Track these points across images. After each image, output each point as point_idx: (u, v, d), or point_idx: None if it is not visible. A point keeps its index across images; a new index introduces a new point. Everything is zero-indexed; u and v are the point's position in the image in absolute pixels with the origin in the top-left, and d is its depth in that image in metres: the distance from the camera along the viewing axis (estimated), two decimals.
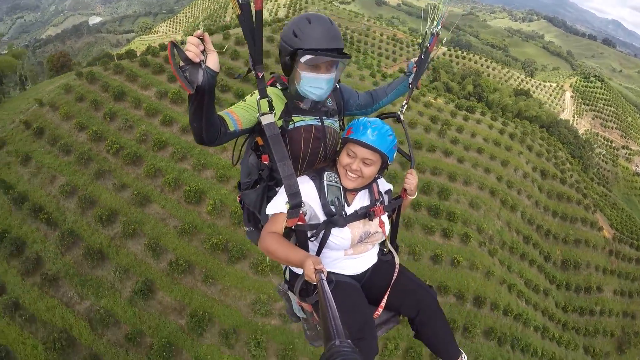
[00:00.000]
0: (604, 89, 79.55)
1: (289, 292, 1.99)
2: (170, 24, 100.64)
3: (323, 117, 1.85)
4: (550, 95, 75.67)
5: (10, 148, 14.81)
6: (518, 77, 73.81)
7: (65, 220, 12.55)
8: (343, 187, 1.75)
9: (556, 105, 72.60)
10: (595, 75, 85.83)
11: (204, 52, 1.22)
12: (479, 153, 22.78)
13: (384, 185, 1.94)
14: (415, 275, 2.00)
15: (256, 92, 1.62)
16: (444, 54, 63.57)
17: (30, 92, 20.71)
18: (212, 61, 1.24)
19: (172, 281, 11.97)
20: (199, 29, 1.26)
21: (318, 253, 1.72)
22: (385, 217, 1.87)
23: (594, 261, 24.46)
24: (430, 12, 2.09)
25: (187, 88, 1.19)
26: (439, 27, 2.11)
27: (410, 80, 2.23)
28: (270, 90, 1.71)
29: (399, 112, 2.22)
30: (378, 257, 1.98)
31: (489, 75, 64.64)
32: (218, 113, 1.50)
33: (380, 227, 1.83)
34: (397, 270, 1.90)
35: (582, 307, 22.68)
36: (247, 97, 1.72)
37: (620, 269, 25.88)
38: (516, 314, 17.01)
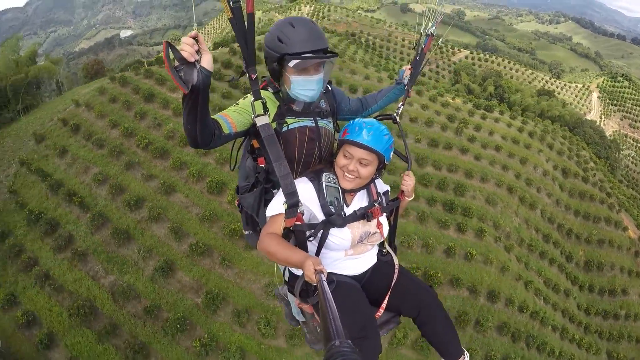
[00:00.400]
0: (632, 89, 76.51)
1: (289, 294, 1.98)
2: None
3: (317, 118, 1.86)
4: (576, 96, 73.10)
5: (48, 142, 16.09)
6: (542, 79, 71.77)
7: (97, 204, 13.54)
8: (341, 188, 1.75)
9: (582, 106, 70.12)
10: (623, 75, 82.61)
11: (198, 52, 1.23)
12: (496, 151, 22.50)
13: (381, 186, 1.95)
14: (414, 275, 2.02)
15: (249, 95, 1.64)
16: (466, 57, 62.72)
17: (66, 95, 22.35)
18: (207, 61, 1.25)
19: (192, 262, 12.63)
20: (193, 29, 1.27)
21: (317, 253, 1.72)
22: (383, 219, 1.88)
23: (619, 262, 23.47)
24: (425, 14, 2.10)
25: (182, 87, 1.20)
26: (434, 29, 2.11)
27: (406, 82, 2.25)
28: (262, 93, 1.69)
29: (394, 114, 2.24)
30: (377, 257, 1.99)
31: (511, 77, 63.18)
32: (212, 116, 1.51)
33: (378, 228, 1.84)
34: (396, 271, 1.92)
35: (606, 310, 21.67)
36: (240, 100, 1.73)
37: None
38: (533, 312, 16.56)
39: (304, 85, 1.69)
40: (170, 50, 1.15)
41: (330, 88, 2.00)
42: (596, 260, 22.58)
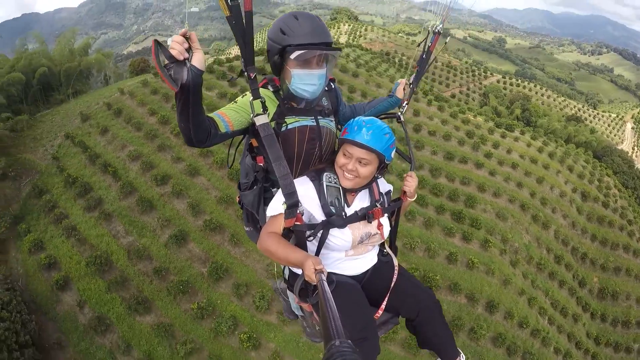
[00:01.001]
0: None
1: (288, 291, 2.00)
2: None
3: (318, 117, 1.82)
4: (609, 125, 70.62)
5: (92, 122, 17.93)
6: (575, 107, 69.67)
7: (128, 176, 15.01)
8: (342, 187, 1.74)
9: (614, 136, 67.65)
10: None
11: (189, 50, 1.22)
12: (512, 168, 22.39)
13: (384, 186, 1.93)
14: (414, 277, 2.03)
15: (248, 93, 1.64)
16: (497, 81, 62.16)
17: (113, 85, 24.69)
18: (198, 60, 1.23)
19: (204, 236, 13.68)
20: (185, 26, 1.24)
21: (317, 253, 1.71)
22: (384, 219, 1.86)
23: (636, 293, 22.44)
24: (435, 19, 2.09)
25: (171, 86, 1.19)
26: (441, 27, 2.08)
27: (412, 80, 2.24)
28: (261, 92, 1.68)
29: (399, 113, 2.24)
30: (378, 257, 1.98)
31: (542, 103, 61.84)
32: (209, 114, 1.52)
33: (379, 229, 1.82)
34: (396, 272, 1.92)
35: (618, 342, 20.51)
36: (239, 99, 1.71)
37: None
38: (534, 329, 16.17)
39: (305, 80, 1.67)
40: (159, 48, 1.15)
41: (333, 86, 1.99)
42: (611, 289, 21.59)
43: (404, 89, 2.29)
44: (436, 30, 2.11)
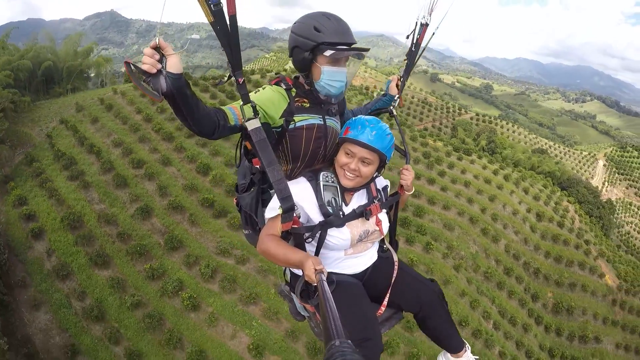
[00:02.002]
0: None
1: (291, 293, 2.05)
2: None
3: (325, 117, 1.89)
4: (579, 161, 74.08)
5: (85, 112, 20.88)
6: (546, 143, 73.68)
7: (109, 157, 17.60)
8: (340, 186, 1.79)
9: (585, 171, 70.60)
10: (633, 145, 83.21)
11: (161, 59, 1.26)
12: (465, 186, 23.80)
13: (381, 181, 1.98)
14: (415, 271, 2.08)
15: (260, 89, 1.76)
16: (471, 118, 65.57)
17: (108, 87, 28.01)
18: (171, 64, 1.27)
19: (166, 214, 15.91)
20: (157, 36, 1.28)
21: (316, 254, 1.76)
22: (383, 215, 1.91)
23: (592, 308, 23.36)
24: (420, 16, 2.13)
25: (154, 98, 1.25)
26: (429, 18, 2.12)
27: (402, 73, 2.30)
28: (275, 88, 1.78)
29: (391, 107, 2.33)
30: (378, 254, 2.03)
31: (513, 139, 65.53)
32: (221, 107, 1.60)
33: (378, 225, 1.87)
34: (396, 267, 1.97)
35: (575, 356, 21.28)
36: (252, 94, 1.75)
37: (627, 321, 24.22)
38: (476, 330, 16.92)
39: (334, 77, 1.75)
40: (132, 68, 1.22)
41: None
42: (566, 304, 22.51)
43: (396, 85, 2.35)
44: (424, 22, 2.14)
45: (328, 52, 1.66)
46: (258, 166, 1.83)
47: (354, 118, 1.83)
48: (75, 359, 11.40)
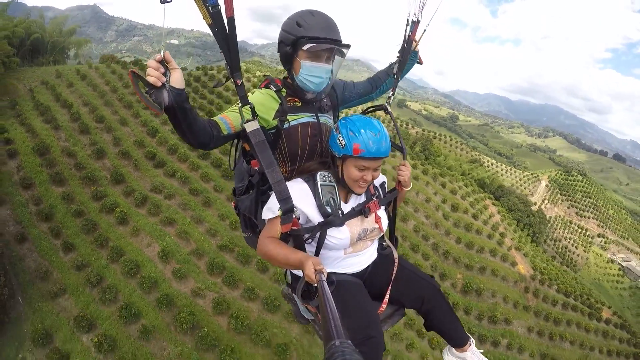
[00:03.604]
0: (586, 183, 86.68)
1: (293, 295, 2.17)
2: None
3: (318, 114, 2.05)
4: (520, 179, 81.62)
5: (63, 79, 26.67)
6: (489, 161, 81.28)
7: (78, 111, 22.91)
8: (338, 185, 1.92)
9: (524, 189, 77.47)
10: (579, 171, 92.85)
11: (165, 72, 1.38)
12: (382, 173, 28.96)
13: (378, 178, 2.10)
14: (415, 267, 2.23)
15: (249, 94, 1.87)
16: (417, 133, 72.08)
17: (86, 64, 33.81)
18: (175, 79, 1.41)
19: (116, 158, 20.85)
20: (159, 52, 1.38)
21: (316, 254, 1.86)
22: (381, 212, 2.05)
23: (502, 292, 26.11)
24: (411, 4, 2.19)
25: (156, 110, 1.35)
26: (420, 15, 2.24)
27: (395, 70, 2.43)
28: (264, 91, 1.94)
29: (385, 104, 2.47)
30: (378, 252, 2.18)
31: (450, 152, 72.83)
32: (213, 118, 1.74)
33: (377, 222, 2.00)
34: (396, 264, 2.12)
35: (483, 334, 23.33)
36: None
37: (541, 308, 27.11)
38: None
39: (313, 72, 1.89)
40: (137, 78, 1.30)
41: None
42: (475, 285, 25.26)
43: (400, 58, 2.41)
44: (415, 20, 2.25)
45: (306, 46, 1.80)
46: (257, 168, 1.94)
47: (355, 131, 1.81)
48: (24, 243, 15.97)
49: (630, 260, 70.10)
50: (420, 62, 2.52)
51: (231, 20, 1.39)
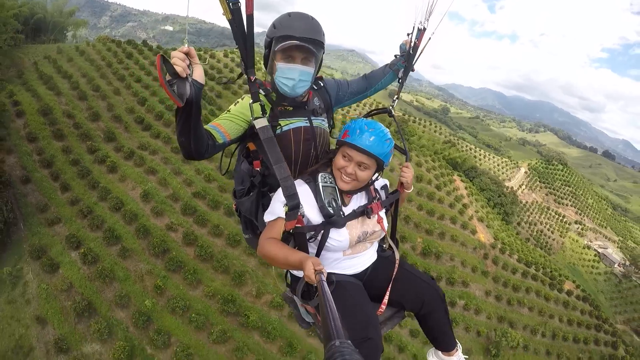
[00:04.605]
0: (566, 172, 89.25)
1: (295, 297, 2.17)
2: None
3: (311, 118, 2.08)
4: (499, 165, 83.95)
5: (64, 54, 30.90)
6: (467, 146, 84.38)
7: (77, 81, 26.69)
8: (339, 188, 1.96)
9: (502, 174, 79.94)
10: (560, 160, 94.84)
11: (189, 65, 1.41)
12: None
13: (379, 181, 2.17)
14: (416, 269, 2.28)
15: (240, 100, 1.95)
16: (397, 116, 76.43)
17: (84, 41, 37.59)
18: (198, 74, 1.45)
19: (109, 121, 24.45)
20: (184, 44, 1.41)
21: (317, 255, 1.92)
22: (383, 213, 2.11)
23: (461, 257, 28.26)
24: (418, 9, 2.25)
25: (177, 101, 1.37)
26: (427, 23, 2.29)
27: (400, 75, 2.52)
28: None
29: (390, 107, 2.56)
30: (378, 254, 2.24)
31: (431, 137, 75.98)
32: (204, 127, 1.71)
33: (379, 223, 2.06)
34: (397, 265, 2.16)
35: None
36: (232, 107, 1.95)
37: (500, 275, 29.28)
38: None
39: (286, 74, 1.90)
40: (163, 64, 1.32)
41: (322, 84, 2.26)
42: (434, 249, 27.42)
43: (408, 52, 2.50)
44: (421, 27, 2.32)
45: (277, 46, 1.84)
46: (258, 169, 2.01)
47: (354, 120, 1.93)
48: (28, 184, 19.61)
49: (607, 248, 73.12)
50: (412, 70, 2.55)
51: (250, 18, 1.49)
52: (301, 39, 1.83)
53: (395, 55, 2.55)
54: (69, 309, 15.23)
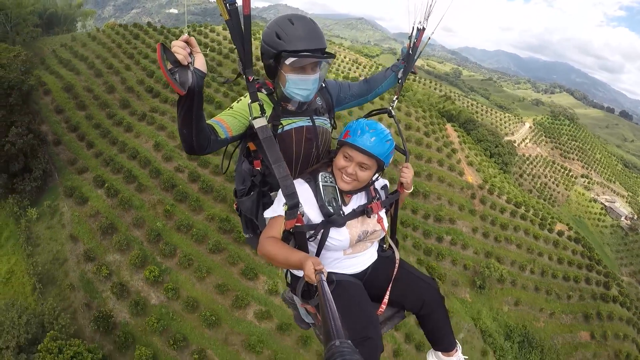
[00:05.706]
0: (572, 127, 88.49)
1: (295, 297, 2.22)
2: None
3: (314, 117, 2.09)
4: (501, 120, 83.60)
5: (78, 41, 35.97)
6: (469, 102, 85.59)
7: (93, 62, 31.03)
8: (339, 188, 1.98)
9: (505, 128, 79.74)
10: (567, 116, 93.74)
11: (190, 54, 1.42)
12: None
13: (379, 181, 2.20)
14: (416, 269, 2.29)
15: (242, 98, 1.94)
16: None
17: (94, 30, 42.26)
18: (200, 62, 1.44)
19: (124, 92, 28.55)
20: (183, 34, 1.42)
21: (317, 254, 1.93)
22: (383, 213, 2.13)
23: (448, 196, 30.49)
24: (416, 9, 2.27)
25: (179, 89, 1.38)
26: (426, 23, 2.31)
27: (400, 75, 2.52)
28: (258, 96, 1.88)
29: (389, 107, 2.58)
30: (378, 253, 2.25)
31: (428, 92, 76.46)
32: (207, 122, 1.70)
33: (379, 222, 2.08)
34: (397, 265, 2.18)
35: (427, 231, 27.85)
36: (235, 104, 1.95)
37: (487, 214, 31.26)
38: None
39: (299, 85, 1.90)
40: (164, 52, 1.32)
41: (324, 85, 2.26)
42: (422, 190, 29.76)
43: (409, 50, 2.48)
44: (420, 27, 2.33)
45: (288, 61, 1.79)
46: (259, 168, 2.02)
47: (355, 121, 1.95)
48: (59, 145, 24.03)
49: (615, 201, 73.51)
50: (412, 71, 2.56)
51: (247, 18, 1.48)
52: (315, 52, 1.84)
53: (397, 59, 2.58)
54: (96, 229, 19.63)
